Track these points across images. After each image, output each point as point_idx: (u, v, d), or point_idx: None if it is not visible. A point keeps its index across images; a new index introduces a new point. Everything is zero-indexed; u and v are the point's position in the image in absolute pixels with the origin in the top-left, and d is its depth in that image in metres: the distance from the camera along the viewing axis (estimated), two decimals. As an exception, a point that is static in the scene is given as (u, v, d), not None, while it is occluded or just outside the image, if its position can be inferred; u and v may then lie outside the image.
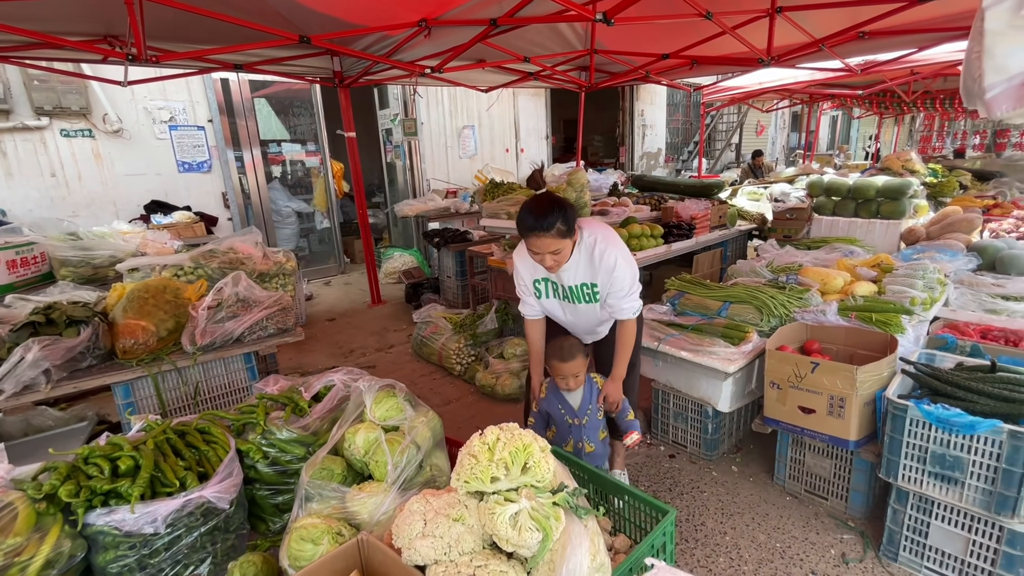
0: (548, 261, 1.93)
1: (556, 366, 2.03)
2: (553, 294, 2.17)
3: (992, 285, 3.20)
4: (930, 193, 6.21)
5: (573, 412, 2.10)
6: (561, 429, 2.14)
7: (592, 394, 2.12)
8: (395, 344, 4.69)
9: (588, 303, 2.11)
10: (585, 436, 2.12)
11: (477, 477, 1.23)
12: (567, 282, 2.09)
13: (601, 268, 2.01)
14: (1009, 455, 1.74)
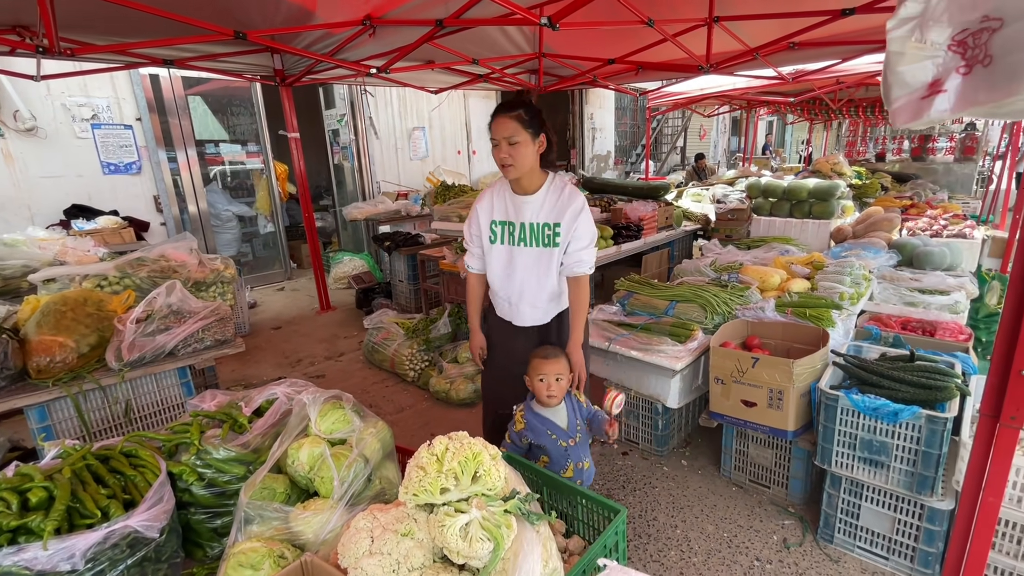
0: (503, 151, 1.83)
1: (538, 365, 1.84)
2: (507, 238, 2.00)
3: (910, 280, 3.45)
4: (855, 194, 6.66)
5: (563, 433, 1.90)
6: (556, 456, 1.91)
7: (575, 408, 1.95)
8: (345, 352, 4.55)
9: (544, 247, 1.96)
10: (581, 455, 1.95)
11: (426, 489, 1.20)
12: (530, 218, 1.95)
13: (568, 208, 1.91)
14: (927, 438, 1.87)
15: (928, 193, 7.19)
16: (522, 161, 1.86)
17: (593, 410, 1.99)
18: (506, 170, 1.90)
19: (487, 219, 2.04)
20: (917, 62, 1.42)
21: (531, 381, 1.88)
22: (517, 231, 1.99)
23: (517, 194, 1.98)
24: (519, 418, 1.91)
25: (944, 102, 1.34)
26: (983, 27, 1.11)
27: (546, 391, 1.84)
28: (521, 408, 1.93)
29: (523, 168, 1.87)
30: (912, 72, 1.47)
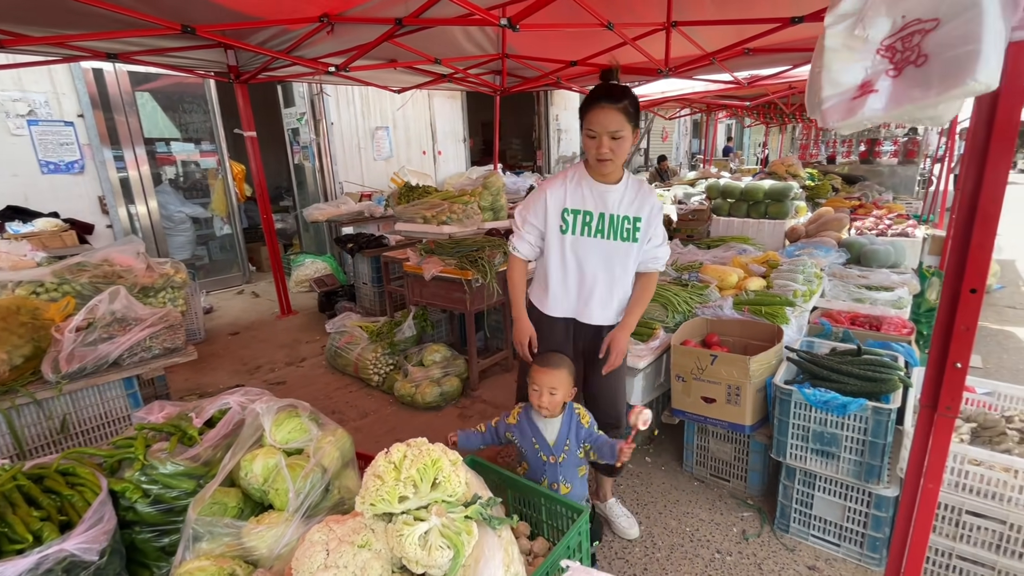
0: (605, 145, 1.72)
1: (535, 372, 1.75)
2: (583, 229, 1.89)
3: (858, 277, 3.62)
4: (808, 195, 6.94)
5: (548, 447, 1.80)
6: (534, 466, 1.85)
7: (572, 427, 1.83)
8: (307, 357, 4.42)
9: (624, 241, 1.88)
10: (561, 476, 1.83)
11: (383, 498, 1.17)
12: (611, 209, 1.86)
13: (647, 202, 1.88)
14: (873, 429, 1.96)
15: (875, 194, 7.56)
16: (621, 155, 1.77)
17: (597, 434, 1.86)
18: (603, 164, 1.79)
19: (558, 206, 1.89)
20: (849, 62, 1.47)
21: (528, 388, 1.80)
22: (595, 222, 1.88)
23: (599, 182, 1.88)
24: (515, 412, 1.88)
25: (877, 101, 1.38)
26: (916, 29, 1.16)
27: (537, 401, 1.75)
28: (521, 407, 1.88)
29: (619, 162, 1.80)
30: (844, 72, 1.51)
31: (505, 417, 1.89)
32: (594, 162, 1.81)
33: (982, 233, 1.37)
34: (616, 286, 1.97)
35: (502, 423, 1.89)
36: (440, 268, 3.48)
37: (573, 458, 1.83)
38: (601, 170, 1.83)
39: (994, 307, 5.26)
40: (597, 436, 1.84)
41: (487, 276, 3.36)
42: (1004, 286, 5.88)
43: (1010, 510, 1.80)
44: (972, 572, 1.92)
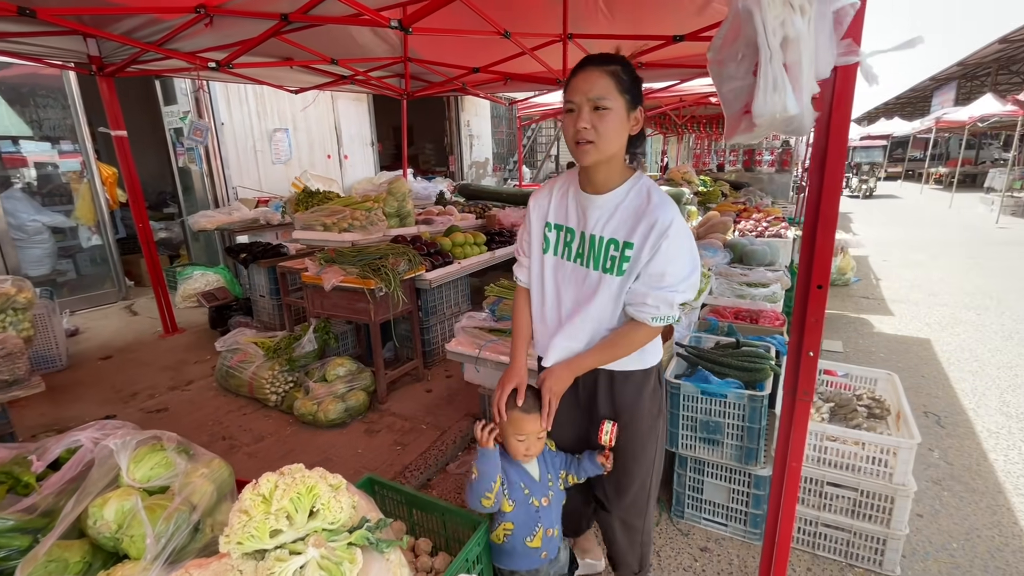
0: (583, 118, 1.29)
1: (518, 421, 1.47)
2: (563, 250, 1.50)
3: (740, 275, 3.96)
4: (701, 200, 7.52)
5: (537, 487, 1.57)
6: (524, 518, 1.56)
7: (546, 456, 1.62)
8: (196, 379, 4.02)
9: (604, 272, 1.42)
10: (555, 518, 1.63)
11: (252, 535, 1.07)
12: (590, 228, 1.43)
13: (650, 222, 1.34)
14: (750, 415, 2.13)
15: (757, 199, 8.37)
16: (607, 138, 1.30)
17: (565, 456, 1.68)
18: (581, 150, 1.32)
19: (540, 220, 1.54)
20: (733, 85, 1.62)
21: (505, 435, 1.52)
22: (575, 243, 1.47)
23: (586, 192, 1.44)
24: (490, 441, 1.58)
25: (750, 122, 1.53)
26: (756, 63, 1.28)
27: (524, 451, 1.51)
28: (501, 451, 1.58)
29: (605, 150, 1.32)
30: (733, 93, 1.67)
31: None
32: (572, 148, 1.36)
33: (824, 237, 1.53)
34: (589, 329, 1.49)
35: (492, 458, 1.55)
36: (341, 278, 3.32)
37: (558, 492, 1.62)
38: (582, 160, 1.35)
39: (852, 298, 6.01)
40: (568, 457, 1.66)
41: (391, 285, 3.25)
42: (860, 279, 6.74)
43: (861, 479, 2.03)
44: (834, 536, 2.15)
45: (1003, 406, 3.41)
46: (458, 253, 4.20)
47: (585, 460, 1.63)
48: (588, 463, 1.62)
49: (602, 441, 1.51)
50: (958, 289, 6.27)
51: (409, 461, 2.84)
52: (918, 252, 8.65)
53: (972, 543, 2.25)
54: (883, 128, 22.01)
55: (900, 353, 4.30)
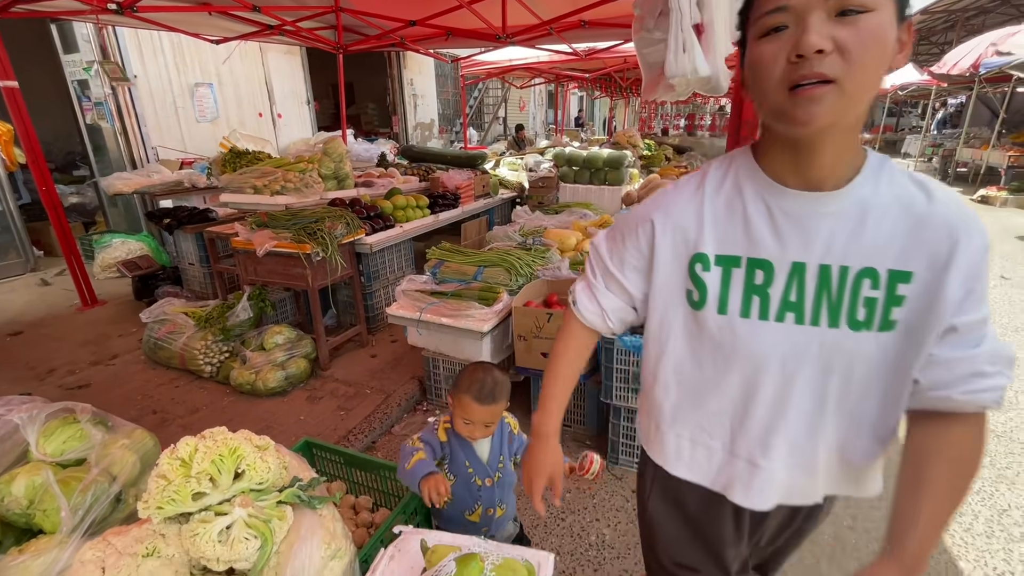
0: (818, 28, 0.66)
1: (469, 406, 1.39)
2: (747, 304, 0.84)
3: (676, 235, 4.11)
4: (645, 164, 7.66)
5: (483, 468, 1.49)
6: (461, 494, 1.49)
7: (503, 439, 1.55)
8: (120, 353, 3.80)
9: (856, 329, 0.79)
10: (498, 498, 1.54)
11: (172, 499, 1.05)
12: (820, 254, 0.79)
13: (953, 244, 0.76)
14: (677, 365, 2.27)
15: (698, 162, 8.62)
16: (865, 71, 0.67)
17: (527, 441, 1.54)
18: (808, 97, 0.68)
19: (688, 247, 0.88)
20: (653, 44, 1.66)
21: (453, 411, 1.47)
22: (783, 284, 0.81)
23: (794, 187, 0.80)
24: (443, 428, 1.51)
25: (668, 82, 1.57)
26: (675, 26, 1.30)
27: (466, 433, 1.46)
28: (447, 420, 1.51)
29: (858, 96, 0.69)
30: (649, 56, 1.72)
31: (431, 432, 1.51)
32: (782, 98, 0.71)
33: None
34: (842, 438, 0.88)
35: (431, 438, 1.49)
36: (274, 243, 3.18)
37: (508, 475, 1.56)
38: (812, 124, 0.69)
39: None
40: (524, 442, 1.61)
41: (328, 249, 3.15)
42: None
43: (773, 418, 2.22)
44: (750, 472, 2.35)
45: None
46: (400, 216, 4.11)
47: None
48: None
49: (586, 475, 1.40)
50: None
51: (353, 425, 2.84)
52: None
53: (866, 470, 2.53)
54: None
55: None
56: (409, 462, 1.38)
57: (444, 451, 1.49)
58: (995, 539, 2.12)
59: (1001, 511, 2.27)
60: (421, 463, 1.37)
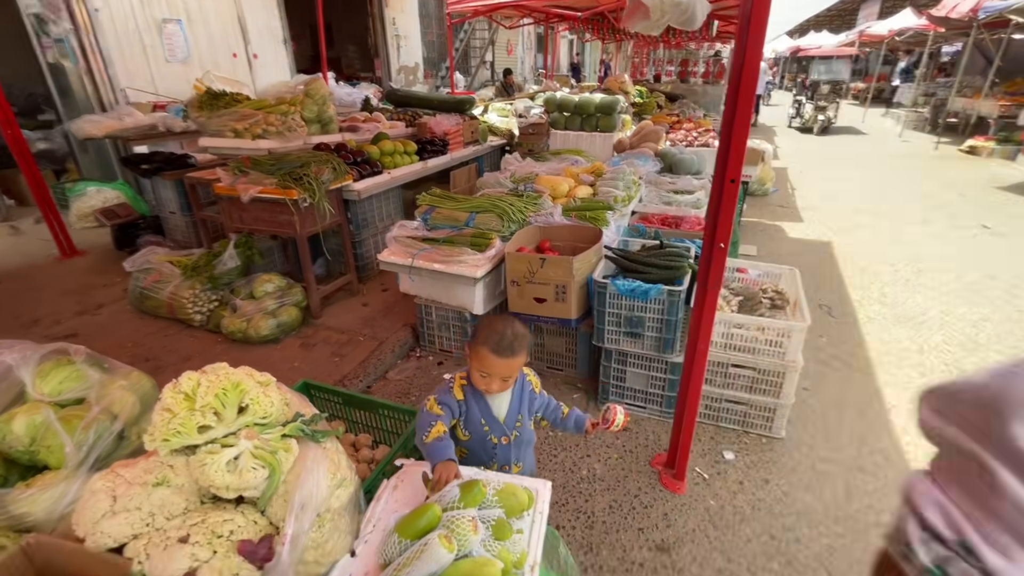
0: None
1: (487, 358, 1.34)
2: None
3: (668, 183, 4.08)
4: (637, 111, 7.48)
5: (499, 427, 1.46)
6: (478, 450, 1.48)
7: (524, 398, 1.50)
8: (106, 303, 3.74)
9: None
10: (515, 456, 1.51)
11: (178, 432, 1.06)
12: None
13: None
14: (669, 309, 2.30)
15: (691, 111, 8.43)
16: None
17: (549, 399, 1.58)
18: None
19: None
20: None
21: (471, 363, 1.41)
22: None
23: None
24: (458, 385, 1.45)
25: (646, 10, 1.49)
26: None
27: (483, 387, 1.41)
28: (463, 376, 1.46)
29: None
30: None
31: (447, 391, 1.45)
32: None
33: (739, 133, 1.59)
34: None
35: (449, 399, 1.43)
36: (259, 188, 3.09)
37: (527, 433, 1.53)
38: None
39: (769, 207, 6.41)
40: (550, 402, 1.59)
41: (315, 195, 3.08)
42: (777, 189, 7.15)
43: (759, 359, 2.30)
44: (734, 410, 2.45)
45: (882, 297, 3.89)
46: (388, 163, 4.00)
47: (571, 419, 1.57)
48: (573, 424, 1.57)
49: (611, 428, 1.48)
50: (859, 198, 6.83)
51: (348, 371, 2.87)
52: (830, 165, 9.23)
53: (844, 408, 2.65)
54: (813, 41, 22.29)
55: (805, 254, 4.72)
56: (428, 435, 1.33)
57: (461, 410, 1.43)
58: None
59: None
60: (439, 444, 1.31)
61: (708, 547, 1.89)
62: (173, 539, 1.00)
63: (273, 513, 1.15)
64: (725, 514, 2.03)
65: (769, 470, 2.25)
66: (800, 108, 13.74)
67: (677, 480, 2.16)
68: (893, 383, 2.85)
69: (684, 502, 2.09)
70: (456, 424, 1.45)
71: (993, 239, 5.12)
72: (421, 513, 1.11)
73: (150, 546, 0.98)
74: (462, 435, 1.45)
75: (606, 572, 1.81)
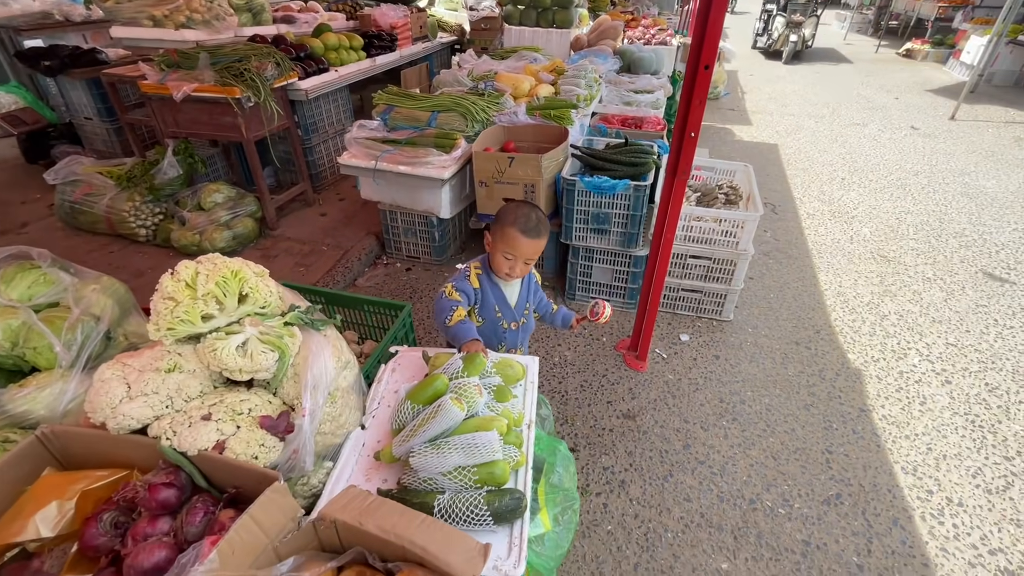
0: None
1: (515, 239, 1.39)
2: None
3: (628, 83, 4.02)
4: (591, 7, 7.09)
5: (511, 313, 1.57)
6: (488, 335, 1.56)
7: (531, 288, 1.62)
8: (31, 220, 3.43)
9: None
10: (520, 341, 1.64)
11: (183, 320, 1.07)
12: None
13: None
14: (634, 204, 2.40)
15: (644, 8, 8.08)
16: None
17: (542, 293, 1.69)
18: None
19: None
20: None
21: (494, 247, 1.46)
22: None
23: None
24: (474, 274, 1.51)
25: None
26: None
27: (506, 270, 1.46)
28: (478, 266, 1.53)
29: None
30: None
31: (464, 278, 1.51)
32: None
33: (714, 20, 1.59)
34: None
35: (465, 286, 1.49)
36: (194, 86, 2.81)
37: (530, 320, 1.65)
38: None
39: (720, 111, 6.48)
40: (543, 297, 1.70)
41: (260, 93, 2.84)
42: (729, 92, 7.20)
43: (715, 249, 2.47)
44: (689, 298, 2.67)
45: (821, 195, 4.17)
46: (333, 59, 3.69)
47: (559, 315, 1.70)
48: (560, 320, 1.70)
49: (599, 320, 1.58)
50: (804, 101, 7.01)
51: (316, 279, 2.85)
52: (779, 68, 9.28)
53: (783, 293, 2.94)
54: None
55: (753, 156, 4.91)
56: (451, 318, 1.40)
57: (477, 297, 1.50)
58: (875, 336, 2.62)
59: (882, 316, 2.77)
60: (463, 326, 1.40)
61: (668, 412, 2.16)
62: (196, 417, 1.05)
63: (285, 394, 1.21)
64: (682, 385, 2.29)
65: (719, 348, 2.52)
66: (769, 23, 10.60)
67: (640, 360, 2.39)
68: (826, 270, 3.16)
69: (646, 378, 2.33)
70: (471, 310, 1.53)
71: (920, 139, 5.49)
72: (430, 382, 1.20)
73: (175, 424, 1.03)
74: (476, 320, 1.54)
75: (580, 439, 2.04)
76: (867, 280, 3.07)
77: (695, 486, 1.86)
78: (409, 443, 1.13)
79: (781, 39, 9.78)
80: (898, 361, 2.46)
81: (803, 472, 1.92)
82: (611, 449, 1.99)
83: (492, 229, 1.47)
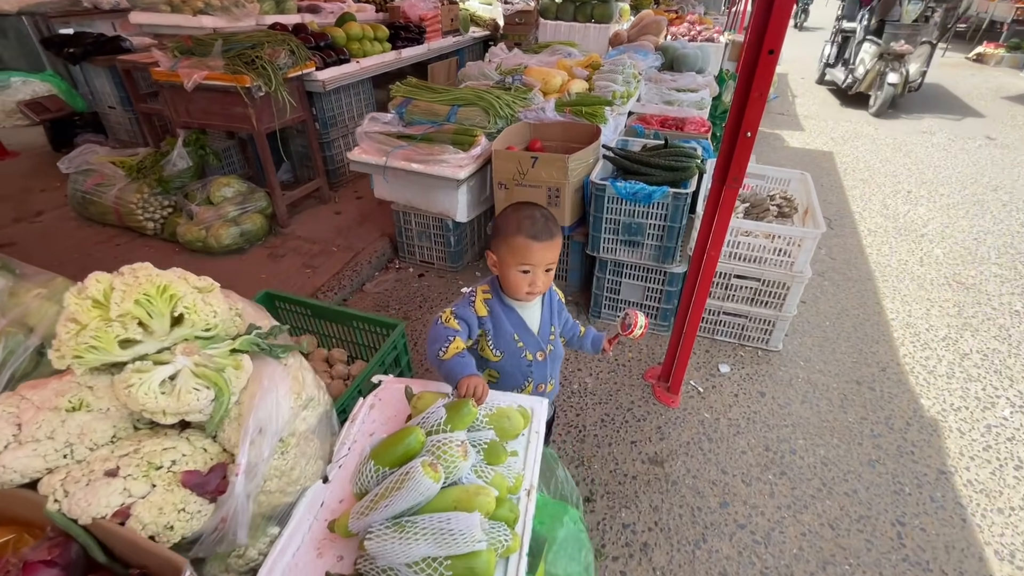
0: None
1: (525, 248, 1.14)
2: None
3: (670, 80, 3.69)
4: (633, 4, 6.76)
5: (535, 342, 1.28)
6: (511, 370, 1.30)
7: (553, 308, 1.33)
8: (47, 209, 3.37)
9: None
10: (549, 373, 1.35)
11: (94, 347, 0.85)
12: None
13: None
14: (672, 214, 2.09)
15: (689, 8, 7.68)
16: None
17: (572, 321, 1.42)
18: None
19: None
20: None
21: (504, 265, 1.19)
22: None
23: None
24: (480, 300, 1.25)
25: None
26: None
27: (526, 287, 1.19)
28: (486, 290, 1.27)
29: None
30: None
31: (467, 304, 1.24)
32: None
33: None
34: None
35: (468, 314, 1.22)
36: (204, 73, 2.65)
37: (558, 347, 1.37)
38: None
39: (769, 115, 6.03)
40: (569, 317, 1.42)
41: (271, 82, 2.66)
42: (778, 96, 6.73)
43: (765, 269, 2.14)
44: (732, 323, 2.34)
45: (884, 209, 3.74)
46: (355, 50, 3.51)
47: (588, 338, 1.43)
48: (590, 343, 1.43)
49: (631, 335, 1.32)
50: (862, 106, 6.47)
51: (321, 283, 2.66)
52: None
53: (841, 320, 2.57)
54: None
55: (806, 164, 4.49)
56: (445, 350, 1.12)
57: (484, 327, 1.24)
58: (954, 379, 2.23)
59: (963, 355, 2.37)
60: (460, 360, 1.11)
61: (702, 459, 1.84)
62: (98, 472, 0.83)
63: (226, 439, 0.97)
64: (720, 427, 1.97)
65: (765, 383, 2.18)
66: (847, 49, 7.01)
67: (671, 394, 2.08)
68: (892, 295, 2.77)
69: (678, 415, 2.02)
70: (484, 343, 1.26)
71: (997, 151, 4.93)
72: (401, 438, 0.95)
73: (68, 482, 0.81)
74: (492, 355, 1.27)
75: (598, 485, 1.75)
76: (942, 310, 2.66)
77: (733, 557, 1.55)
78: (368, 517, 0.88)
79: (870, 78, 6.28)
80: (984, 412, 2.06)
81: (868, 549, 1.58)
82: (633, 501, 1.70)
83: (494, 245, 1.21)
